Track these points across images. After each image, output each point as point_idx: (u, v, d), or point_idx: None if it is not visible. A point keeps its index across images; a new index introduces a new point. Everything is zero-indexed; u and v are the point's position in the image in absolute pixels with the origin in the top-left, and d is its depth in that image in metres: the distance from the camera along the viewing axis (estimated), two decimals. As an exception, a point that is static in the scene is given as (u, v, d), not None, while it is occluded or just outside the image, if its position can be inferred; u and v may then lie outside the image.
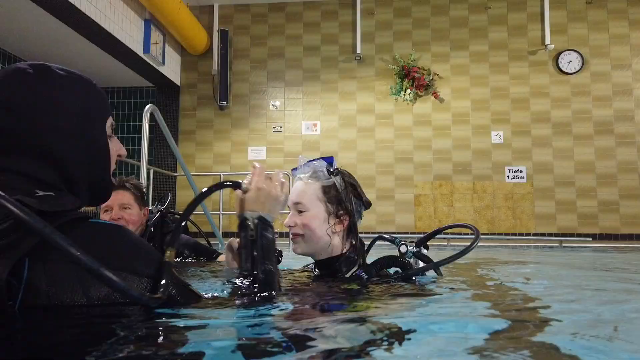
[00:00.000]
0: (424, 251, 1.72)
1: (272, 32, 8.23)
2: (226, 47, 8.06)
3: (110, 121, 1.02)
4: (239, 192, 1.20)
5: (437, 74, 7.87)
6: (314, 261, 1.69)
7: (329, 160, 1.62)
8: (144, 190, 2.30)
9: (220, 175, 6.90)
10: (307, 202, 1.57)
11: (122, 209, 2.17)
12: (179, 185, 8.00)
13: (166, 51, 7.64)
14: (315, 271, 1.68)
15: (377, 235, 1.91)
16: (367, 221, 7.67)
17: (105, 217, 2.17)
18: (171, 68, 7.95)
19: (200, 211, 4.87)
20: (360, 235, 1.67)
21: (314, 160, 1.64)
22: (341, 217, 1.59)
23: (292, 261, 2.02)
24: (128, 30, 6.58)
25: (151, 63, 7.21)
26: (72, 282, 0.79)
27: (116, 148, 1.03)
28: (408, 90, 7.82)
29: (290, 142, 8.00)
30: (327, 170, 1.60)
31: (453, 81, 7.89)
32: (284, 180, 1.29)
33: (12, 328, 0.74)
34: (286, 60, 8.18)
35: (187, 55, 8.28)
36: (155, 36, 7.22)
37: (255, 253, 1.14)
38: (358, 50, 7.94)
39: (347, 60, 8.10)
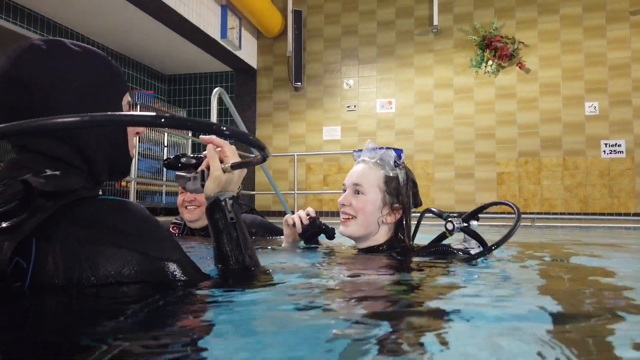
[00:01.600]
0: (475, 225, 1.62)
1: (346, 9, 8.10)
2: (300, 27, 8.08)
3: (127, 98, 1.01)
4: (216, 171, 1.06)
5: (523, 42, 7.30)
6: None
7: (399, 152, 1.61)
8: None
9: (294, 155, 6.99)
10: (367, 185, 1.57)
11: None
12: (257, 166, 8.23)
13: (242, 35, 7.81)
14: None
15: (425, 209, 1.82)
16: (446, 200, 7.41)
17: (180, 197, 2.27)
18: (248, 52, 8.14)
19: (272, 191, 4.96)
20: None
21: (382, 148, 1.62)
22: (395, 210, 1.59)
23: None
24: (205, 16, 6.81)
25: (228, 48, 7.43)
26: (80, 261, 0.79)
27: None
28: (490, 62, 7.36)
29: (364, 121, 7.89)
30: (395, 161, 1.59)
31: (541, 49, 7.29)
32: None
33: (20, 308, 0.75)
34: (360, 37, 8.03)
35: (263, 38, 8.41)
36: (232, 21, 7.41)
37: (236, 235, 1.05)
38: (435, 22, 7.58)
39: (423, 33, 7.78)
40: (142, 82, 8.37)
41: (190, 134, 6.69)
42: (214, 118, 3.40)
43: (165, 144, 7.71)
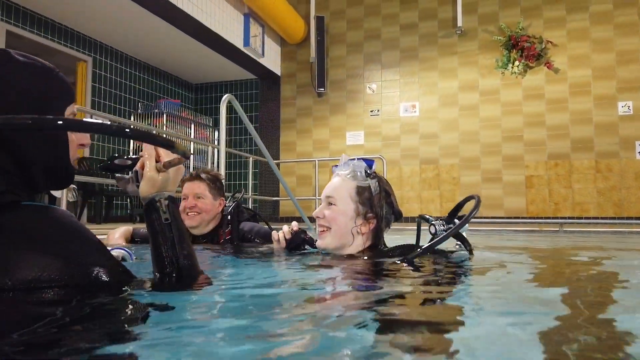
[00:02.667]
0: (464, 227, 1.60)
1: (368, 13, 8.08)
2: (322, 33, 8.11)
3: (72, 109, 1.02)
4: (150, 171, 1.04)
5: (551, 42, 7.09)
6: None
7: (369, 163, 1.63)
8: (221, 181, 2.39)
9: (315, 161, 6.99)
10: (339, 197, 1.61)
11: (196, 198, 2.30)
12: (282, 171, 8.29)
13: (265, 42, 7.91)
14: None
15: (418, 216, 1.79)
16: (472, 205, 7.22)
17: (182, 204, 2.31)
18: (271, 59, 8.22)
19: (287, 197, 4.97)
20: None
21: (354, 159, 1.66)
22: (369, 219, 1.61)
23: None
24: (228, 25, 6.93)
25: (251, 55, 7.53)
26: None
27: (78, 136, 1.04)
28: (516, 62, 7.18)
29: (388, 125, 7.83)
30: (365, 171, 1.62)
31: (570, 48, 7.06)
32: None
33: None
34: (382, 41, 7.99)
35: (287, 45, 8.49)
36: (255, 29, 7.51)
37: (172, 235, 1.03)
38: (459, 23, 7.46)
39: (447, 35, 7.67)
40: (170, 91, 8.59)
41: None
42: (223, 124, 3.45)
43: (192, 152, 7.86)
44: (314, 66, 8.15)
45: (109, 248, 1.27)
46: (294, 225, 1.77)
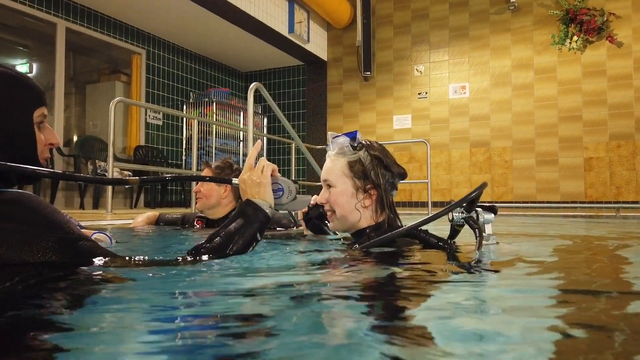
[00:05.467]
0: (487, 217, 1.49)
1: (415, -7, 7.86)
2: (369, 15, 7.99)
3: (40, 111, 1.09)
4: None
5: (613, 14, 6.59)
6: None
7: (352, 135, 1.58)
8: (232, 167, 2.47)
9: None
10: (334, 178, 1.57)
11: (201, 184, 2.45)
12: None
13: (311, 28, 7.91)
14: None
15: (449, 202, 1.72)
16: (525, 189, 6.96)
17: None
18: (317, 44, 8.22)
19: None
20: (514, 204, 1.61)
21: (338, 136, 1.60)
22: (369, 191, 1.56)
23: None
24: (273, 13, 6.99)
25: (296, 42, 7.56)
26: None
27: (47, 137, 1.11)
28: (575, 37, 6.74)
29: (436, 108, 7.64)
30: (351, 145, 1.57)
31: (635, 20, 6.53)
32: (263, 164, 1.35)
33: None
34: (431, 20, 7.75)
35: (333, 29, 8.44)
36: (299, 15, 7.53)
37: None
38: (512, -1, 7.10)
39: (499, 12, 7.32)
40: (221, 80, 8.82)
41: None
42: (250, 111, 3.57)
43: (242, 139, 8.08)
44: (360, 49, 8.06)
45: (92, 232, 1.37)
46: (312, 199, 1.77)
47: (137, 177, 1.07)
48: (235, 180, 1.36)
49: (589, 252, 1.83)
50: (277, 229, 2.32)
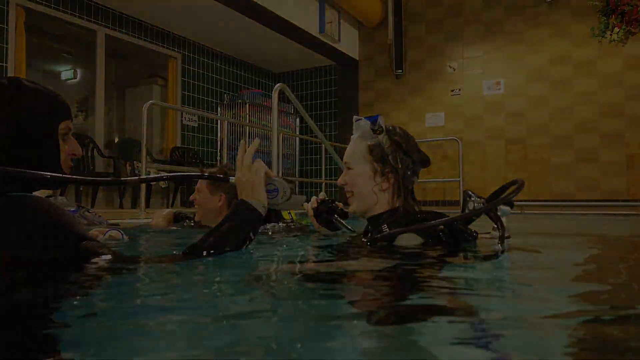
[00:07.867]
0: (504, 209, 1.46)
1: (448, -11, 7.74)
2: (400, 13, 7.93)
3: (65, 124, 1.17)
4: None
5: (658, 2, 6.28)
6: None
7: (373, 119, 1.60)
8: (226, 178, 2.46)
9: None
10: (354, 160, 1.61)
11: (197, 192, 2.45)
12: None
13: (342, 27, 7.93)
14: (368, 228, 1.71)
15: (464, 191, 1.70)
16: (564, 187, 6.74)
17: None
18: (349, 44, 8.23)
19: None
20: (555, 202, 1.61)
21: (360, 119, 1.63)
22: (387, 175, 1.58)
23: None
24: (303, 14, 7.05)
25: (327, 42, 7.60)
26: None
27: (70, 148, 1.19)
28: (616, 29, 6.45)
29: (470, 105, 7.50)
30: (372, 129, 1.60)
31: (682, 8, 6.19)
32: (257, 166, 1.37)
33: None
34: (464, 16, 7.62)
35: (364, 28, 8.43)
36: (330, 15, 7.56)
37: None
38: (549, -9, 6.89)
39: (535, 5, 7.11)
40: (254, 81, 8.96)
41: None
42: (275, 111, 3.62)
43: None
44: (391, 47, 8.02)
45: (106, 230, 1.45)
46: (321, 195, 1.81)
47: (136, 177, 1.13)
48: (232, 179, 1.39)
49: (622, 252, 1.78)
50: (279, 224, 2.35)
